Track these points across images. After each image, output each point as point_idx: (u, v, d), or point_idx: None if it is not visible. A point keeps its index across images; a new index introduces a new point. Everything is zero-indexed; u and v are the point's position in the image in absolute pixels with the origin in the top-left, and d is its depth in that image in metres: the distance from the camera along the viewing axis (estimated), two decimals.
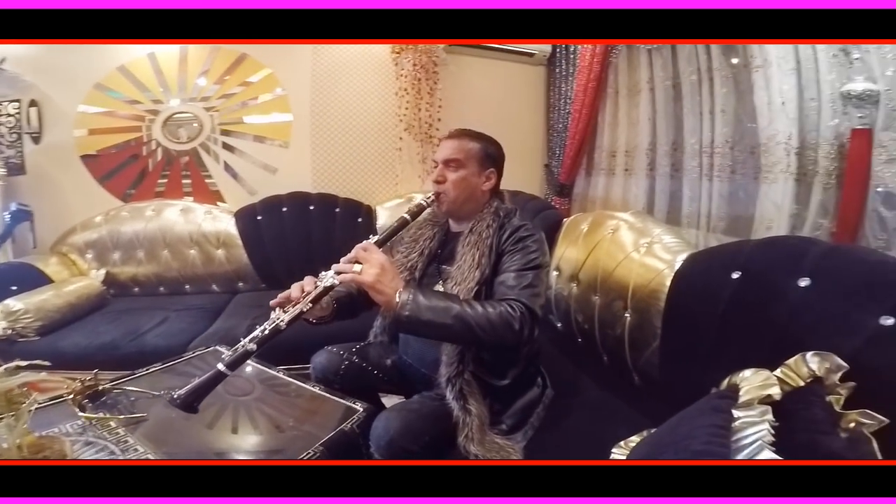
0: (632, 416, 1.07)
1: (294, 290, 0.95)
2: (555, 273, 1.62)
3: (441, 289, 1.06)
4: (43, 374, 0.84)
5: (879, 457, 0.57)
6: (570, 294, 1.51)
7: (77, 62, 2.21)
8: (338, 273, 0.93)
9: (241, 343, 0.87)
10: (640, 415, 1.07)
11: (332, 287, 0.94)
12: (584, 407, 1.16)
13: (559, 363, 1.39)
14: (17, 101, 2.21)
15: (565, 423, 1.09)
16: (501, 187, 1.20)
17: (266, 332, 0.88)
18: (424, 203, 1.08)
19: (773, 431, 0.60)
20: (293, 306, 0.91)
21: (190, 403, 0.83)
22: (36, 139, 2.26)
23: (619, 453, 0.83)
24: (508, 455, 0.96)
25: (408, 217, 1.05)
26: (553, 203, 2.32)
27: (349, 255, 0.94)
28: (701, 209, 1.70)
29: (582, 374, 1.34)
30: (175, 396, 0.84)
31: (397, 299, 0.88)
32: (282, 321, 0.89)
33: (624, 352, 1.27)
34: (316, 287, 0.93)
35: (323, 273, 0.95)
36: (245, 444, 1.02)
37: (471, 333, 0.89)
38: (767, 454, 0.53)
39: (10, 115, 2.22)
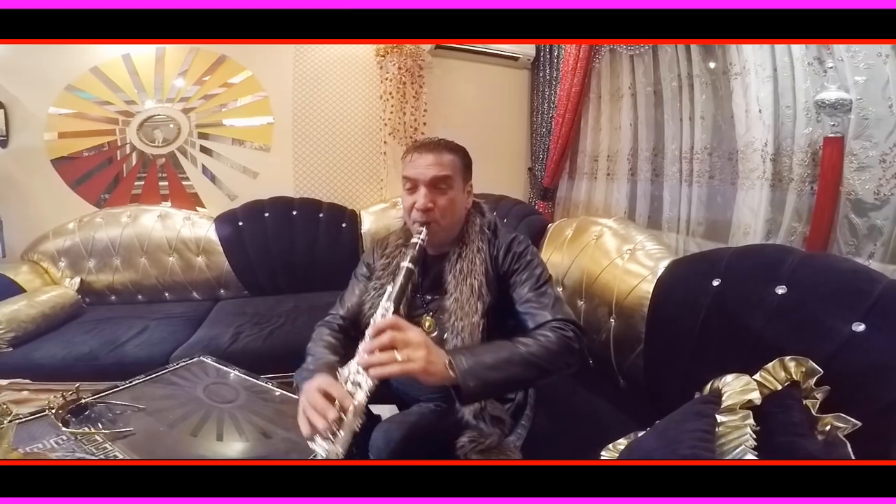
0: (619, 418, 1.09)
1: (319, 405, 0.72)
2: None
3: (430, 322, 1.00)
4: (25, 394, 0.82)
5: (853, 458, 0.58)
6: None
7: (47, 63, 2.14)
8: (369, 367, 0.74)
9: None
10: (626, 417, 1.08)
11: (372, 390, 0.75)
12: (571, 409, 1.17)
13: None
14: None
15: (554, 426, 1.09)
16: (487, 191, 1.16)
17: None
18: (422, 243, 0.92)
19: (754, 436, 0.62)
20: (338, 430, 0.70)
21: None
22: (3, 143, 2.17)
23: (607, 456, 0.84)
24: (508, 458, 0.92)
25: (411, 266, 0.88)
26: (537, 207, 2.34)
27: (377, 341, 0.74)
28: (681, 213, 1.74)
29: (568, 377, 1.35)
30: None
31: (452, 374, 0.75)
32: (339, 451, 0.69)
33: (609, 355, 1.29)
34: (355, 398, 0.73)
35: (345, 371, 0.77)
36: (231, 452, 1.00)
37: (539, 372, 0.83)
38: (751, 458, 0.56)
39: None
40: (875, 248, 1.23)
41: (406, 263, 0.87)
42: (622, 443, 0.85)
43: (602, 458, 0.85)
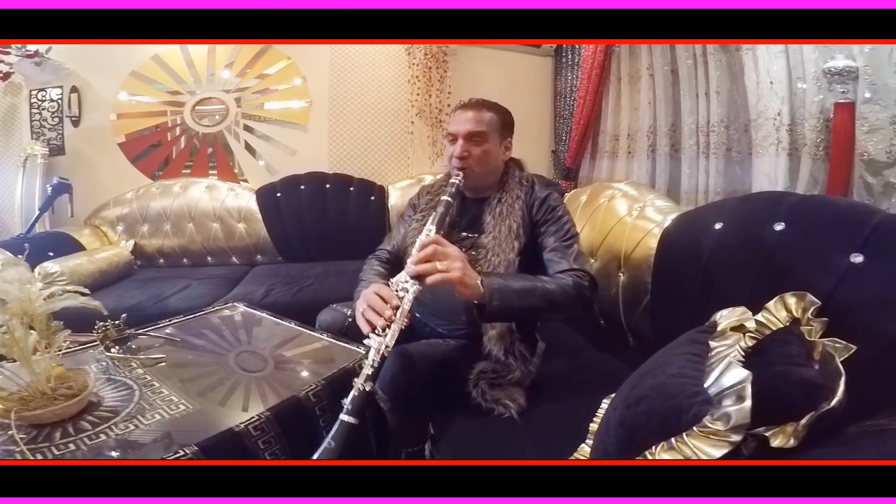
0: (625, 374, 1.08)
1: (376, 304, 0.86)
2: None
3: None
4: (83, 299, 0.93)
5: (843, 376, 0.55)
6: None
7: (115, 51, 2.39)
8: (417, 276, 0.85)
9: (356, 386, 0.79)
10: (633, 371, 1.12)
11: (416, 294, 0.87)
12: (579, 366, 1.22)
13: (556, 327, 1.44)
14: (60, 87, 2.41)
15: (560, 379, 1.13)
16: None
17: (375, 364, 0.81)
18: (459, 183, 1.04)
19: (743, 353, 0.63)
20: (388, 327, 0.83)
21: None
22: (75, 122, 2.44)
23: (606, 404, 0.87)
24: (507, 407, 0.96)
25: (449, 199, 1.00)
26: (560, 185, 2.40)
27: (423, 254, 0.86)
28: (699, 185, 1.77)
29: (580, 338, 1.39)
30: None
31: (482, 289, 0.86)
32: (387, 347, 0.81)
33: (618, 312, 1.32)
34: (402, 300, 0.85)
35: (395, 280, 0.90)
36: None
37: (553, 308, 0.94)
38: (737, 371, 0.54)
39: (52, 100, 2.42)
40: (891, 205, 1.24)
41: (445, 197, 1.01)
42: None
43: (603, 404, 0.88)
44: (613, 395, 0.87)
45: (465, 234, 1.12)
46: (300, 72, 2.51)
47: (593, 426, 0.85)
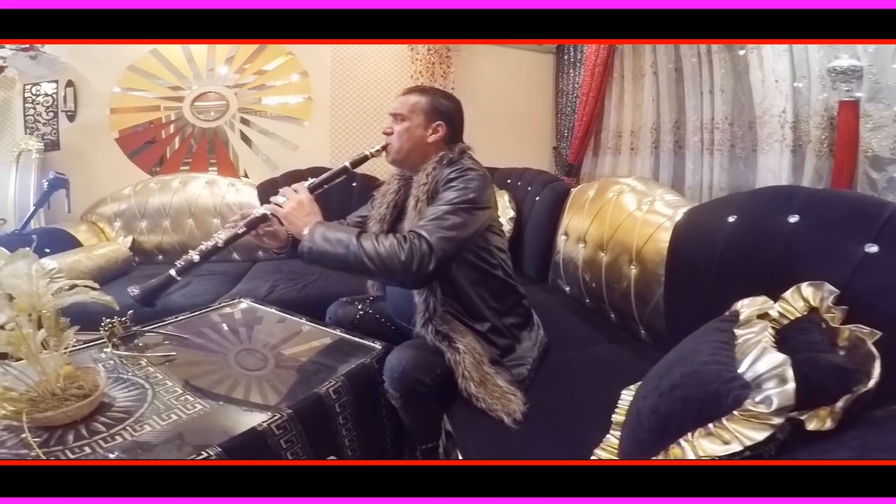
0: (640, 366, 1.07)
1: (237, 216, 1.11)
2: (563, 238, 1.70)
3: None
4: (94, 294, 0.91)
5: (878, 357, 0.55)
6: (578, 255, 1.59)
7: (113, 45, 2.34)
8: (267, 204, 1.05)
9: (189, 254, 1.06)
10: (648, 364, 1.08)
11: (263, 217, 1.07)
12: (592, 359, 1.22)
13: (566, 321, 1.46)
14: (55, 81, 2.35)
15: (573, 373, 1.13)
16: (512, 166, 1.24)
17: (208, 247, 1.05)
18: (369, 153, 1.14)
19: (774, 337, 0.63)
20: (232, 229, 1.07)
21: (147, 300, 1.04)
22: (71, 117, 2.39)
23: (627, 396, 0.88)
24: (509, 402, 0.95)
25: (348, 165, 1.14)
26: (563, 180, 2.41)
27: (280, 191, 1.06)
28: (703, 181, 1.79)
29: (591, 331, 1.40)
30: (134, 293, 1.04)
31: (304, 231, 0.98)
32: (220, 239, 1.06)
33: (630, 305, 1.33)
34: (247, 217, 1.08)
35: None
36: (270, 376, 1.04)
37: (361, 263, 0.93)
38: (774, 355, 0.55)
39: (47, 94, 2.36)
40: (895, 200, 1.27)
41: (346, 162, 1.15)
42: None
43: (622, 396, 0.89)
44: (633, 386, 0.89)
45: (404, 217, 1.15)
46: (301, 67, 2.49)
47: (616, 417, 0.85)
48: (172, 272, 1.04)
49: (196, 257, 1.04)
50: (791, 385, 0.52)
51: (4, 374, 0.77)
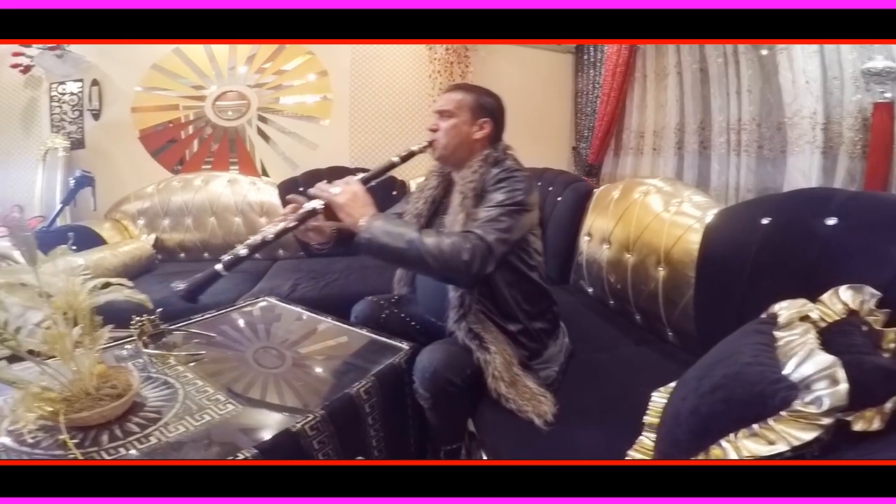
0: (668, 368, 1.08)
1: (287, 209, 1.06)
2: (585, 238, 1.69)
3: None
4: (128, 292, 0.92)
5: None
6: (602, 256, 1.58)
7: (136, 45, 2.38)
8: (318, 196, 1.01)
9: (236, 249, 1.01)
10: (677, 366, 1.05)
11: (314, 210, 1.03)
12: (619, 360, 1.21)
13: (590, 322, 1.45)
14: (80, 80, 2.40)
15: (601, 374, 1.12)
16: (531, 165, 1.23)
17: (257, 241, 1.01)
18: (415, 149, 1.14)
19: (819, 339, 0.61)
20: (282, 222, 1.02)
21: (192, 296, 0.98)
22: (96, 116, 2.43)
23: (659, 397, 0.86)
24: (540, 403, 0.95)
25: (397, 160, 1.13)
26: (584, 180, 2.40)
27: (330, 184, 1.03)
28: (729, 182, 1.76)
29: (617, 333, 1.39)
30: (179, 289, 0.98)
31: (361, 222, 0.95)
32: (270, 233, 1.02)
33: (658, 307, 1.31)
34: (298, 210, 1.04)
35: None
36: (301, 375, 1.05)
37: (422, 260, 0.93)
38: (822, 356, 0.54)
39: (73, 93, 2.41)
40: None
41: (393, 157, 1.13)
42: (673, 385, 0.84)
43: (653, 399, 0.86)
44: (663, 388, 0.87)
45: (443, 215, 1.14)
46: (321, 66, 2.51)
47: (649, 419, 0.84)
48: (219, 267, 0.98)
49: (244, 251, 1.00)
50: (844, 386, 0.51)
51: (42, 373, 0.77)
